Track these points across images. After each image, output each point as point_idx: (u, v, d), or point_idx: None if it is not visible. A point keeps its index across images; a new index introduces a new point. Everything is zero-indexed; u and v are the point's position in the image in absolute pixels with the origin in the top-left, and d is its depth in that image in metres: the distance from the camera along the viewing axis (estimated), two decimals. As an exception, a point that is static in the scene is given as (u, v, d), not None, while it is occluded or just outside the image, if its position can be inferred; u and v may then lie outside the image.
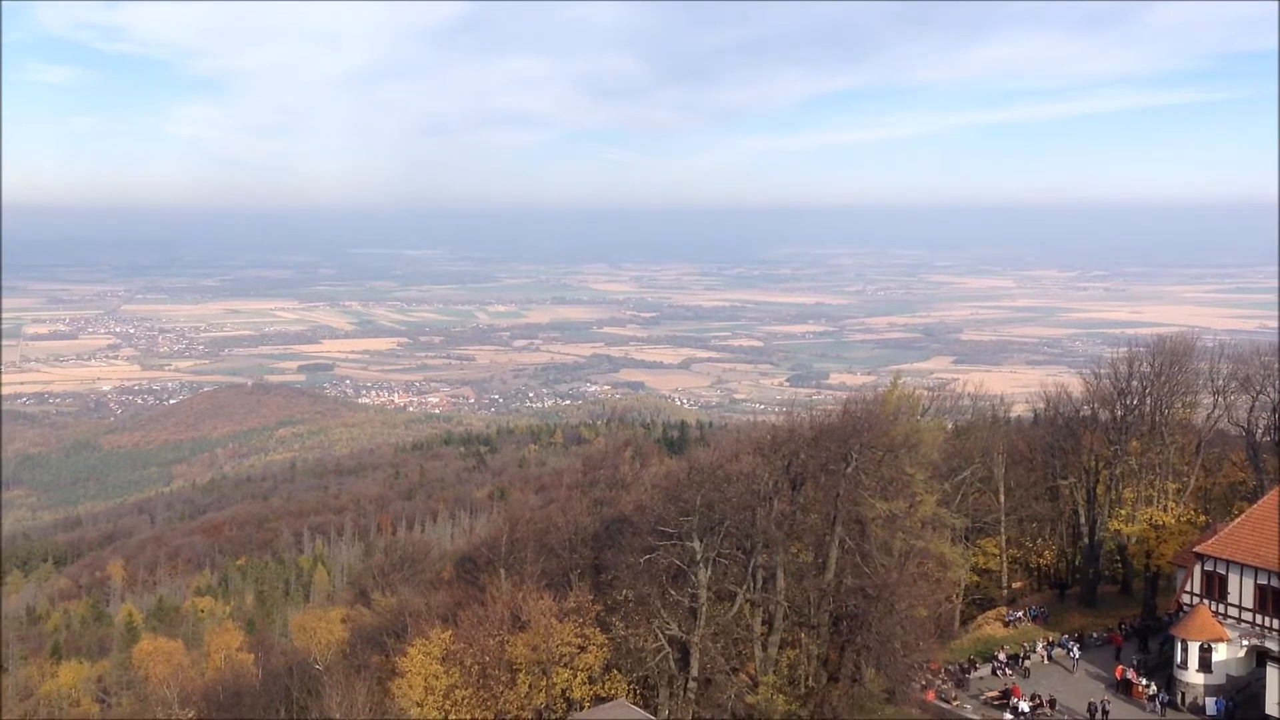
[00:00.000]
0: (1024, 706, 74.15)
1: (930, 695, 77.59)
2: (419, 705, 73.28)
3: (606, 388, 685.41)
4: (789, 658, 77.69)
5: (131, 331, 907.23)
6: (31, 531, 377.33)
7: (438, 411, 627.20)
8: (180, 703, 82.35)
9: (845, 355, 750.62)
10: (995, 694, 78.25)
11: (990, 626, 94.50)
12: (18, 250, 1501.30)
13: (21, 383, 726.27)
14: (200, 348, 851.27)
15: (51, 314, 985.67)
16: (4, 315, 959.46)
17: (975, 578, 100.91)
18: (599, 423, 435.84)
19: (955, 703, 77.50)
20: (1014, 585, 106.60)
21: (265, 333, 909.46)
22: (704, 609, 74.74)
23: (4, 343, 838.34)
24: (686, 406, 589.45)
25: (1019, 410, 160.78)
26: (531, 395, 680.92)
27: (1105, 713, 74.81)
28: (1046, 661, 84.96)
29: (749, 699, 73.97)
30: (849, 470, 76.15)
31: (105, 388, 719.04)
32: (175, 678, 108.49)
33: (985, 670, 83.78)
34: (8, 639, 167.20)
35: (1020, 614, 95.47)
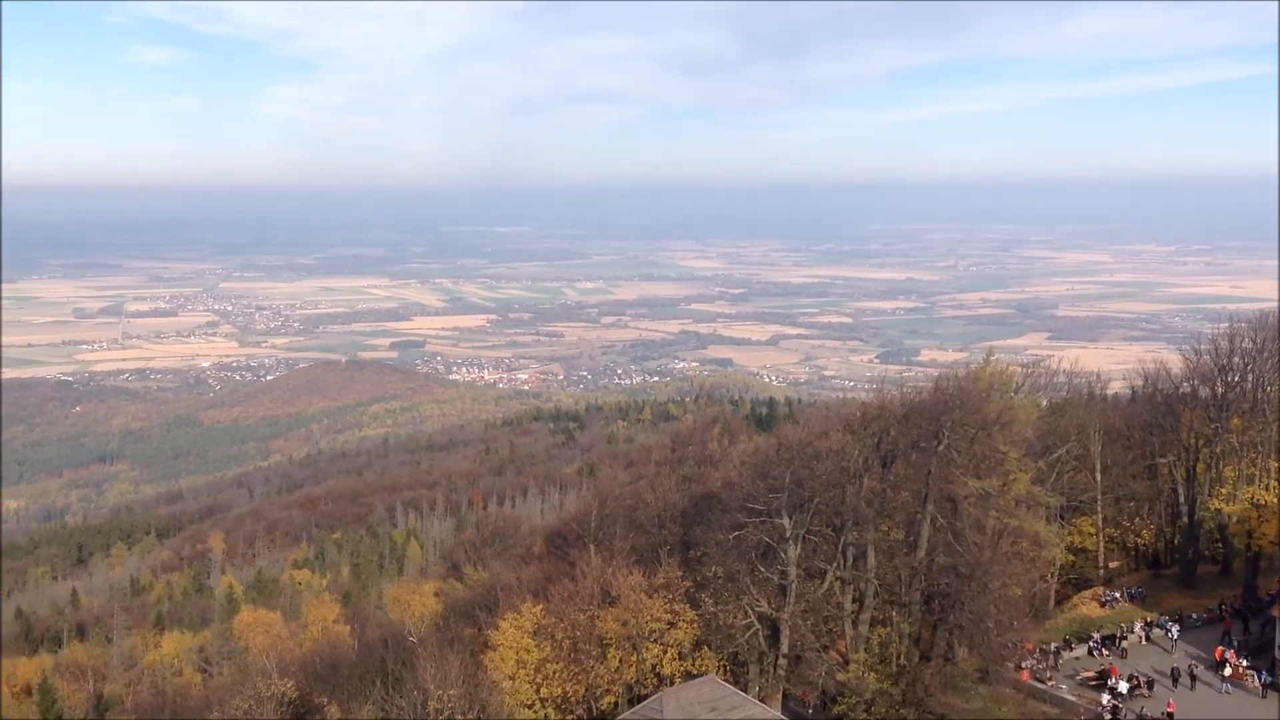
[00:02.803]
0: (1121, 687, 72.96)
1: (1024, 675, 76.69)
2: (511, 678, 73.99)
3: (694, 364, 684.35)
4: (880, 636, 77.15)
5: (229, 309, 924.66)
6: (135, 505, 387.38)
7: (527, 388, 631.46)
8: (279, 673, 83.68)
9: (936, 331, 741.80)
10: (1091, 674, 77.10)
11: (1086, 606, 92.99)
12: (119, 229, 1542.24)
13: (124, 359, 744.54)
14: (295, 325, 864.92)
15: (153, 291, 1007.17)
16: (107, 293, 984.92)
17: (1070, 557, 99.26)
18: (687, 399, 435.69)
19: (1050, 683, 76.48)
20: (1110, 565, 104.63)
21: (358, 310, 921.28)
22: (794, 586, 74.46)
23: (104, 319, 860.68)
24: (775, 383, 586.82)
25: (1116, 387, 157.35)
26: (620, 372, 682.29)
27: (1193, 677, 73.97)
28: (1144, 642, 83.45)
29: (840, 676, 73.61)
30: (941, 448, 75.21)
31: (204, 364, 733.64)
32: (274, 648, 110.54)
33: (1081, 651, 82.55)
34: (114, 609, 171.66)
35: (1117, 594, 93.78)
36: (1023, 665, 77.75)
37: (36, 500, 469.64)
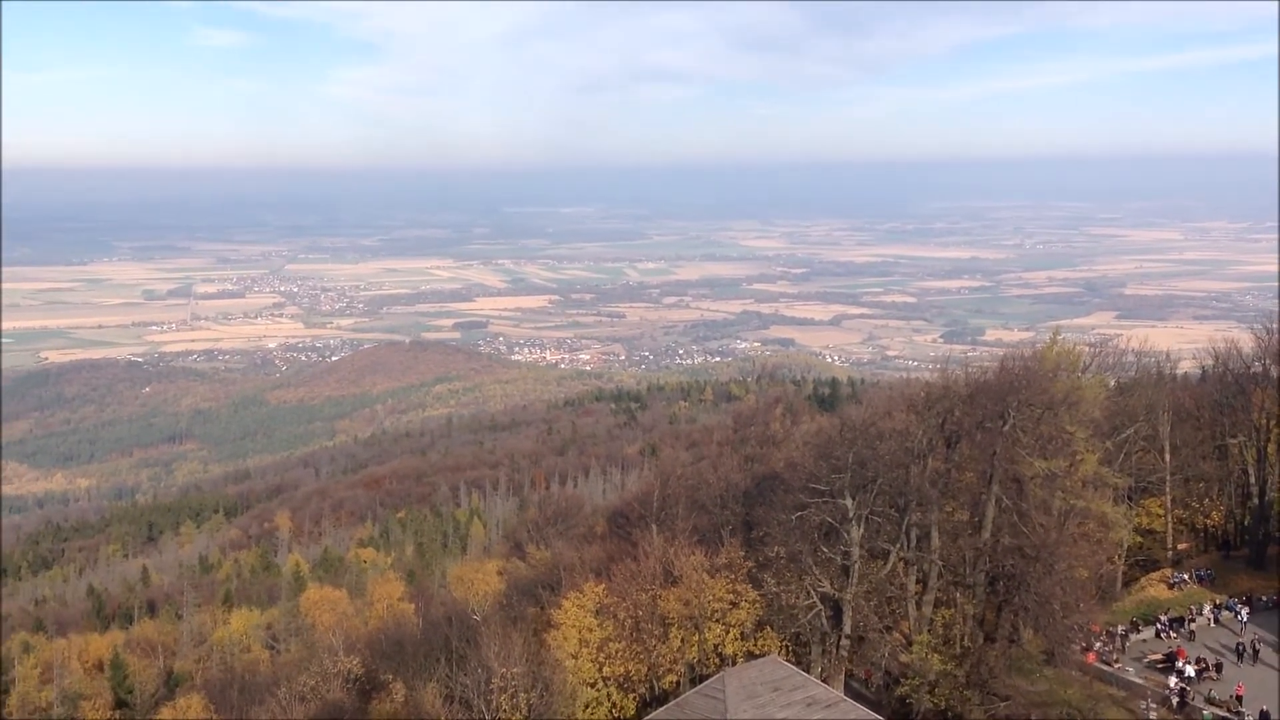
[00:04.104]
0: (1189, 670, 72.01)
1: (1091, 657, 75.85)
2: (573, 657, 74.28)
3: (756, 344, 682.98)
4: (944, 617, 76.61)
5: (295, 290, 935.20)
6: (203, 483, 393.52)
7: (589, 368, 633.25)
8: (345, 650, 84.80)
9: (1002, 311, 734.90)
10: (1159, 657, 76.15)
11: (1154, 588, 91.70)
12: (187, 212, 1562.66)
13: (192, 340, 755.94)
14: (360, 306, 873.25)
15: (220, 273, 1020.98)
16: (176, 275, 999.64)
17: (1138, 539, 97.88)
18: (749, 379, 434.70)
19: (1117, 665, 75.61)
20: (1179, 547, 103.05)
21: (422, 291, 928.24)
22: (856, 567, 74.07)
23: (173, 301, 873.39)
24: (837, 363, 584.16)
25: (1186, 367, 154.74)
26: (681, 352, 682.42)
27: (1255, 652, 73.36)
28: (1213, 625, 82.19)
29: (903, 658, 73.25)
30: (1006, 428, 74.39)
31: (271, 345, 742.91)
32: (340, 626, 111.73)
33: (1148, 633, 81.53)
34: (184, 586, 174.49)
35: (1185, 576, 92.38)
36: (1089, 647, 76.90)
37: (108, 479, 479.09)
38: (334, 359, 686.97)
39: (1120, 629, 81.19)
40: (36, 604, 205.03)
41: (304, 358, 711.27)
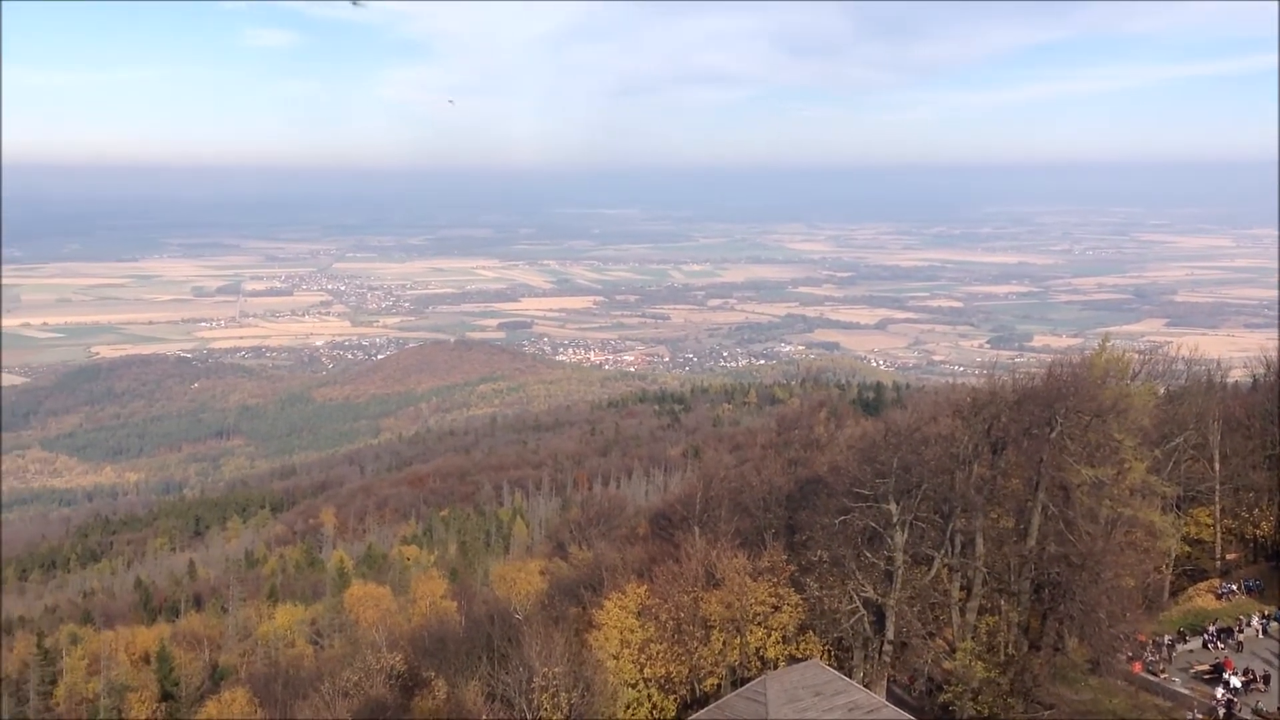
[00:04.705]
0: (1236, 682, 71.10)
1: (1137, 667, 75.09)
2: (615, 657, 74.40)
3: (801, 348, 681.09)
4: (988, 624, 76.13)
5: (342, 289, 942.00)
6: (250, 479, 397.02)
7: (633, 370, 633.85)
8: (388, 646, 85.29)
9: (1050, 316, 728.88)
10: (1206, 668, 75.26)
11: (1201, 599, 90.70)
12: (237, 210, 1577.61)
13: (241, 337, 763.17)
14: (406, 305, 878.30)
15: (269, 271, 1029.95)
16: (226, 272, 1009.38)
17: (1186, 548, 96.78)
18: (793, 383, 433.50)
19: (1163, 675, 74.82)
20: (1228, 556, 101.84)
21: (467, 290, 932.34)
22: (900, 572, 73.74)
23: (222, 298, 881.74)
24: (882, 368, 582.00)
25: (1237, 375, 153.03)
26: (725, 354, 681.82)
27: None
28: (1261, 636, 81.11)
29: (946, 664, 72.87)
30: (1053, 435, 73.86)
31: (318, 343, 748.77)
32: (383, 622, 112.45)
33: (1195, 643, 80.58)
34: (230, 581, 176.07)
35: (1234, 586, 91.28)
36: (1135, 657, 76.14)
37: (156, 473, 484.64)
38: (379, 357, 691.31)
39: (1167, 639, 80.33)
40: (85, 596, 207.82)
41: (350, 356, 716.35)
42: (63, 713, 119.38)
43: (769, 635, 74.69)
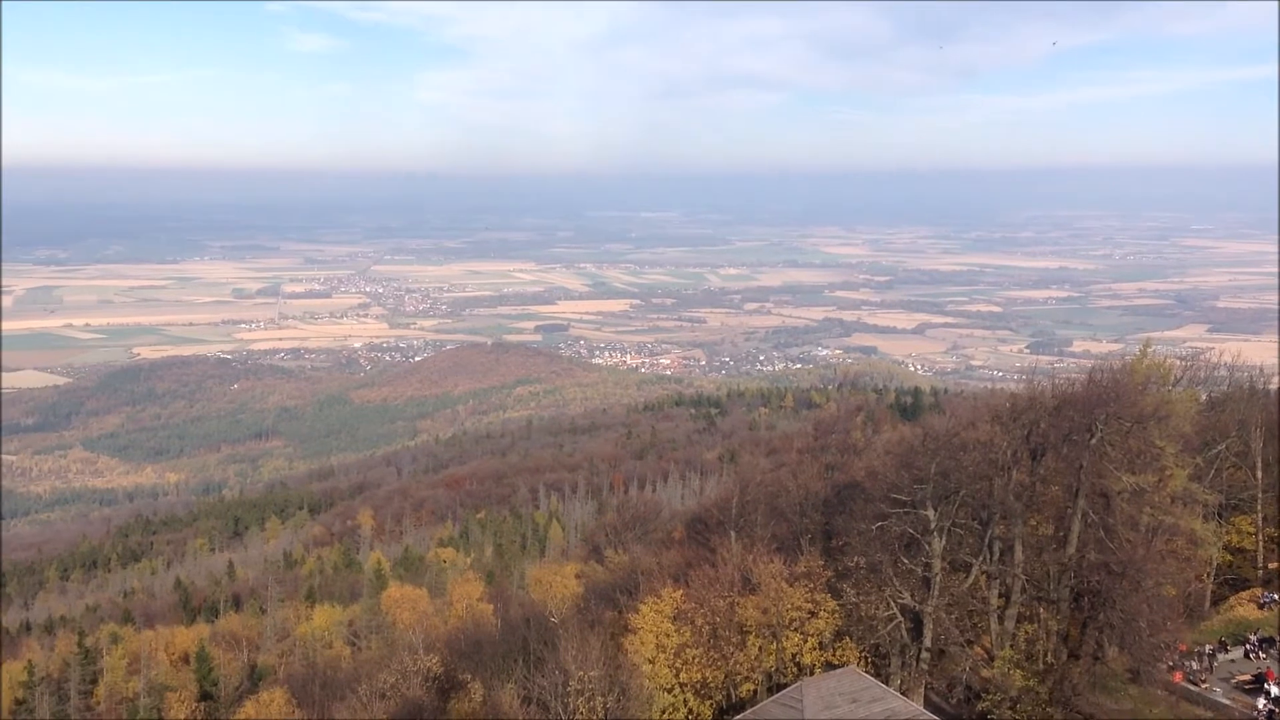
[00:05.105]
0: (1277, 691, 70.29)
1: (1178, 677, 74.31)
2: (650, 661, 74.30)
3: (838, 352, 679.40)
4: (1026, 632, 75.57)
5: (381, 291, 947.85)
6: (288, 480, 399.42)
7: (669, 373, 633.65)
8: (425, 648, 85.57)
9: (1090, 322, 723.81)
10: (1247, 678, 74.35)
11: (1243, 608, 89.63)
12: (277, 212, 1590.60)
13: (280, 339, 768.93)
14: (443, 307, 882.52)
15: (308, 273, 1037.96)
16: (265, 274, 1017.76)
17: (1228, 557, 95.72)
18: (830, 387, 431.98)
19: (1204, 685, 73.99)
20: (1270, 565, 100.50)
21: (504, 293, 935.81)
22: (938, 579, 73.26)
23: (262, 300, 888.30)
24: (920, 372, 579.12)
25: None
26: (762, 358, 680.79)
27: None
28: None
29: (984, 672, 72.33)
30: (1094, 441, 73.18)
31: (356, 344, 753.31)
32: (420, 624, 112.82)
33: (1237, 653, 79.62)
34: (268, 581, 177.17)
35: (1276, 595, 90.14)
36: (1175, 667, 75.35)
37: (196, 474, 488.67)
38: (417, 359, 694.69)
39: (1208, 648, 79.42)
40: (125, 596, 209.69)
41: (388, 358, 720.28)
42: (103, 712, 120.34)
43: (805, 641, 74.43)
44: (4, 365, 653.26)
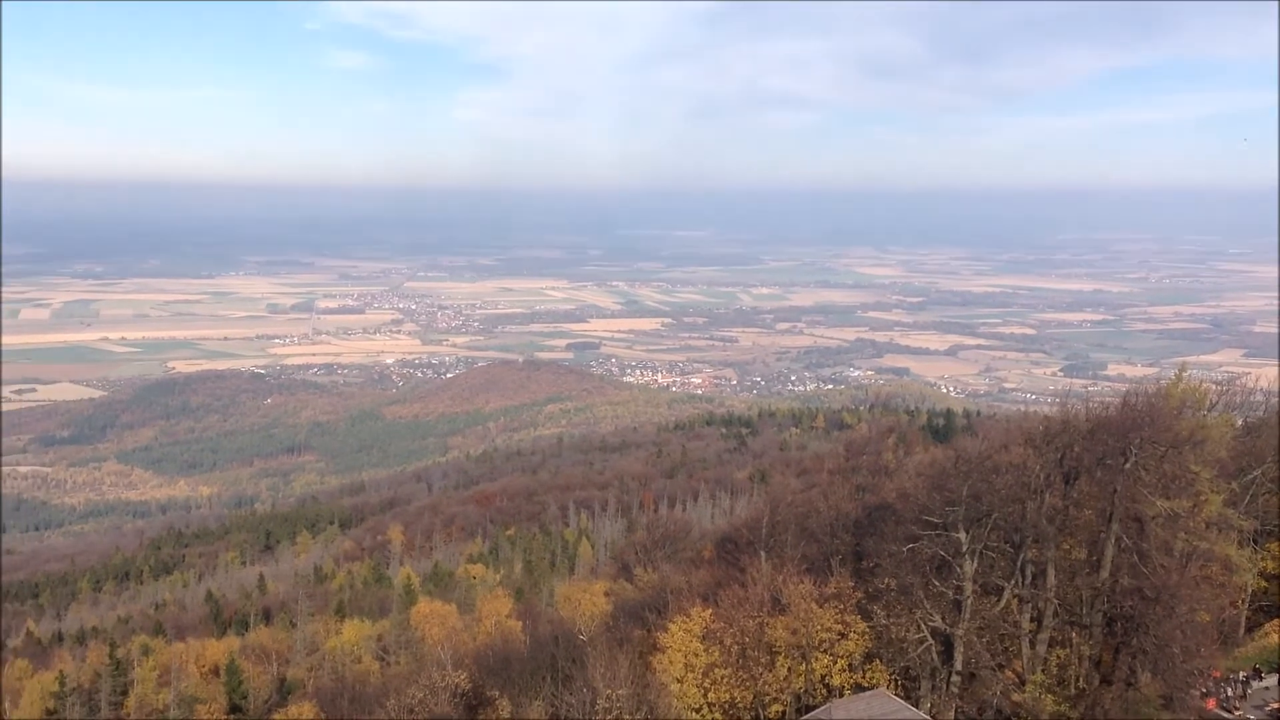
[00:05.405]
0: (1314, 722, 69.54)
1: (1211, 704, 73.59)
2: (679, 681, 74.15)
3: (870, 373, 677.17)
4: (1058, 657, 75.01)
5: (413, 308, 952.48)
6: (320, 495, 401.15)
7: (700, 392, 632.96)
8: (453, 664, 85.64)
9: (1125, 345, 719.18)
10: (1282, 707, 73.70)
11: (1278, 635, 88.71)
12: (312, 228, 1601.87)
13: (313, 354, 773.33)
14: (475, 324, 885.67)
15: (342, 289, 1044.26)
16: (300, 290, 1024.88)
17: (1263, 583, 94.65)
18: (861, 408, 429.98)
19: (1238, 713, 73.27)
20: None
21: (536, 311, 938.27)
22: (969, 602, 72.87)
23: (296, 315, 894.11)
24: (953, 394, 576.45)
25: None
26: (793, 378, 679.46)
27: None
28: (1341, 676, 79.27)
29: (1015, 697, 71.82)
30: (1128, 465, 72.69)
31: (388, 360, 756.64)
32: (449, 640, 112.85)
33: (1271, 680, 78.77)
34: (299, 595, 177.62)
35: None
36: (1209, 693, 74.60)
37: (229, 487, 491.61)
38: (449, 376, 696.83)
39: (1242, 675, 78.65)
40: (156, 608, 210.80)
41: (420, 374, 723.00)
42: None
43: (835, 663, 74.09)
44: (41, 378, 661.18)
